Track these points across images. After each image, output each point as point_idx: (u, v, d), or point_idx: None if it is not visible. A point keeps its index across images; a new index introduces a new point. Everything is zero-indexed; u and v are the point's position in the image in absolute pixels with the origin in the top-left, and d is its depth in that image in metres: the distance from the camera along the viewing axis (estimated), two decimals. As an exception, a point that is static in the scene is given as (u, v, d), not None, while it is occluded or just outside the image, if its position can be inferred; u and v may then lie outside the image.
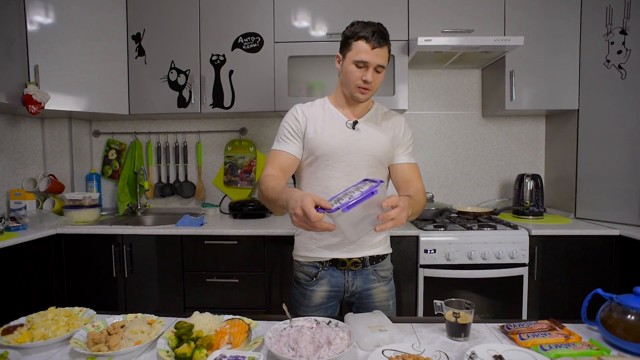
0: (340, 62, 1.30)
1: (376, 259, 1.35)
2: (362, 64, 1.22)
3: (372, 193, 0.91)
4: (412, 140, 1.40)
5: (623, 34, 2.08)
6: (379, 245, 1.36)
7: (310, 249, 1.34)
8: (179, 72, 2.39)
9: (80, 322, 1.03)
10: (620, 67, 2.10)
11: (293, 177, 1.43)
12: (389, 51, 1.26)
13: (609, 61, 2.15)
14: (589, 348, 0.89)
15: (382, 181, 0.97)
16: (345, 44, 1.26)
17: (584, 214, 2.31)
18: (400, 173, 1.35)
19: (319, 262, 1.33)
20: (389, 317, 1.06)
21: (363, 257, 1.33)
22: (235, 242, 2.09)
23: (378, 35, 1.20)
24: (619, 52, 2.10)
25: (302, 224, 0.96)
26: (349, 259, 1.32)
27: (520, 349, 0.89)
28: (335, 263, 1.32)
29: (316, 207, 0.93)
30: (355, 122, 1.31)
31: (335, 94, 1.37)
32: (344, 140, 1.29)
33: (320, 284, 1.34)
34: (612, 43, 2.12)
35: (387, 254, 1.40)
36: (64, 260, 2.15)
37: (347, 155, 1.28)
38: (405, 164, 1.35)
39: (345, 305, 1.43)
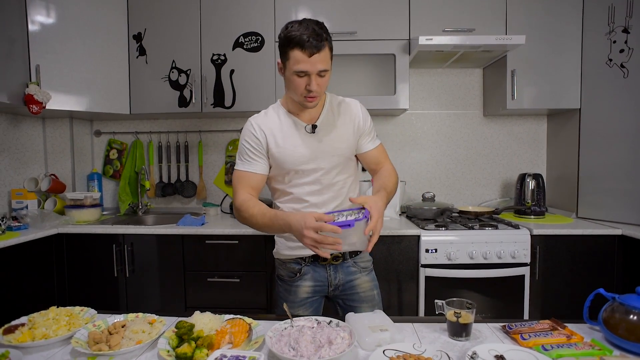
0: (282, 70, 1.22)
1: (355, 252, 1.39)
2: (302, 74, 1.16)
3: (365, 217, 1.04)
4: (372, 123, 1.39)
5: (625, 32, 2.07)
6: None
7: (292, 247, 1.36)
8: (180, 71, 2.39)
9: (81, 321, 1.04)
10: (622, 66, 2.09)
11: None
12: (330, 49, 1.18)
13: (611, 60, 2.14)
14: (591, 348, 0.89)
15: (368, 211, 1.06)
16: (283, 53, 1.18)
17: (586, 214, 2.30)
18: (370, 158, 1.40)
19: (301, 258, 1.36)
20: (389, 317, 1.06)
21: (343, 251, 1.35)
22: (237, 241, 2.09)
23: (313, 39, 1.11)
24: (621, 50, 2.09)
25: (313, 244, 1.03)
26: (330, 254, 1.33)
27: (522, 349, 0.89)
28: (317, 258, 1.35)
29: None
30: (314, 126, 1.28)
31: (285, 98, 1.32)
32: (307, 147, 1.27)
33: (305, 279, 1.36)
34: (615, 42, 2.11)
35: None
36: (65, 260, 2.15)
37: (314, 161, 1.28)
38: (372, 150, 1.39)
39: (329, 302, 1.44)
